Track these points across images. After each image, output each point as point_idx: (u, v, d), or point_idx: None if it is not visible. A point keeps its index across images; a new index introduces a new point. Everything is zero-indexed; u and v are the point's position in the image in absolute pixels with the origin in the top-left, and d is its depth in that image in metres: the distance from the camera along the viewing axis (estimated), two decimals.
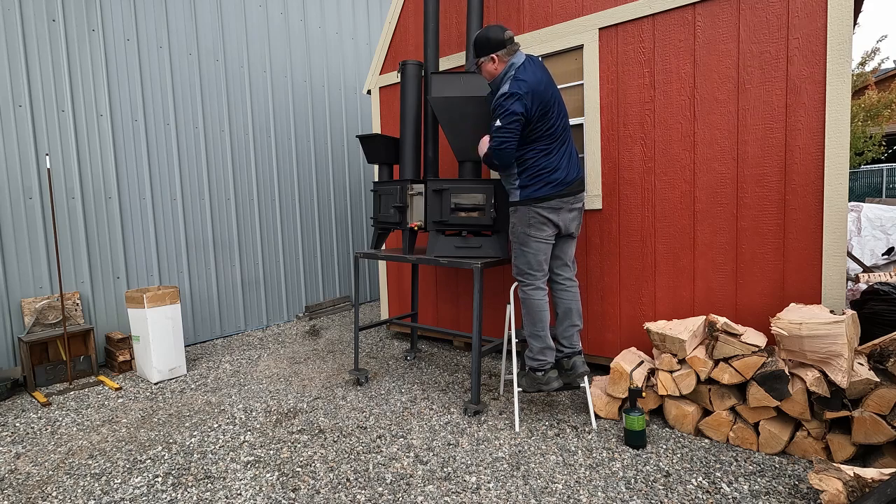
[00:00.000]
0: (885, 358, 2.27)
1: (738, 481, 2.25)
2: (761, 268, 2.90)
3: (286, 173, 5.61)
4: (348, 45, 6.29)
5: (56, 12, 3.94)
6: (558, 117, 2.68)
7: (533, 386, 2.80)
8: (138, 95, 4.41)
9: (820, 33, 2.66)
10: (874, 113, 11.83)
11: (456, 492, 2.25)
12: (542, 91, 2.59)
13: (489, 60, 2.69)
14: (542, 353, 2.78)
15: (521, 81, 2.55)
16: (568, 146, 2.75)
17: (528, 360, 2.83)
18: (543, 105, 2.59)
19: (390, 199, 3.47)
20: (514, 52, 2.67)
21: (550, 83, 2.67)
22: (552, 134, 2.66)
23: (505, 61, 2.67)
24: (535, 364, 2.80)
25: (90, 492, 2.35)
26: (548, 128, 2.64)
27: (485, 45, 2.67)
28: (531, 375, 2.81)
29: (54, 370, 3.82)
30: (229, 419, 3.09)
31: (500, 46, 2.64)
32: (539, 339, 2.79)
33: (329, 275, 6.18)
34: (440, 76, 3.25)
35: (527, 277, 2.80)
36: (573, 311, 2.89)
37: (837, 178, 2.65)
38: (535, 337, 2.80)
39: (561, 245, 2.88)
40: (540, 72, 2.65)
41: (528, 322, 2.83)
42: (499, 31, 2.64)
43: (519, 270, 2.83)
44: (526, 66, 2.63)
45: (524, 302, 2.82)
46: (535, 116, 2.59)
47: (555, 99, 2.66)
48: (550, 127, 2.65)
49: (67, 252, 4.03)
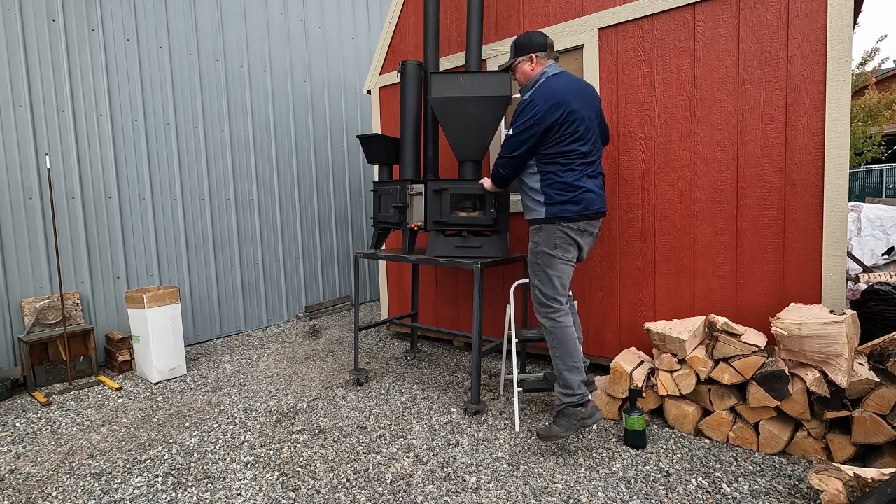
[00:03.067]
0: (885, 358, 2.27)
1: (738, 481, 2.25)
2: (761, 268, 2.91)
3: (286, 173, 5.61)
4: (348, 45, 6.29)
5: (56, 12, 3.94)
6: (591, 138, 2.51)
7: (573, 426, 2.43)
8: (138, 95, 4.41)
9: (820, 33, 2.66)
10: (874, 113, 11.83)
11: (456, 492, 2.25)
12: (571, 102, 2.42)
13: (527, 60, 2.61)
14: (581, 387, 2.48)
15: (548, 89, 2.44)
16: (595, 167, 2.56)
17: (565, 398, 2.47)
18: (570, 115, 2.42)
19: (390, 199, 3.47)
20: (552, 59, 2.60)
21: (585, 100, 2.50)
22: (582, 151, 2.47)
23: (542, 64, 2.59)
24: (575, 399, 2.46)
25: (90, 492, 2.35)
26: (577, 140, 2.45)
27: (526, 45, 2.60)
28: (570, 412, 2.46)
29: (54, 370, 3.82)
30: (229, 419, 3.09)
31: (541, 48, 2.58)
32: (577, 371, 2.49)
33: (329, 275, 6.18)
34: (440, 76, 3.25)
35: (553, 304, 2.54)
36: (577, 327, 2.75)
37: (837, 178, 2.65)
38: (572, 370, 2.49)
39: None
40: (573, 85, 2.49)
41: (561, 353, 2.51)
42: (541, 35, 2.60)
43: (544, 297, 2.55)
44: (559, 76, 2.52)
45: (552, 333, 2.52)
46: (559, 123, 2.41)
47: (589, 118, 2.50)
48: (580, 140, 2.46)
49: (67, 252, 4.03)
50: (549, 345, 2.57)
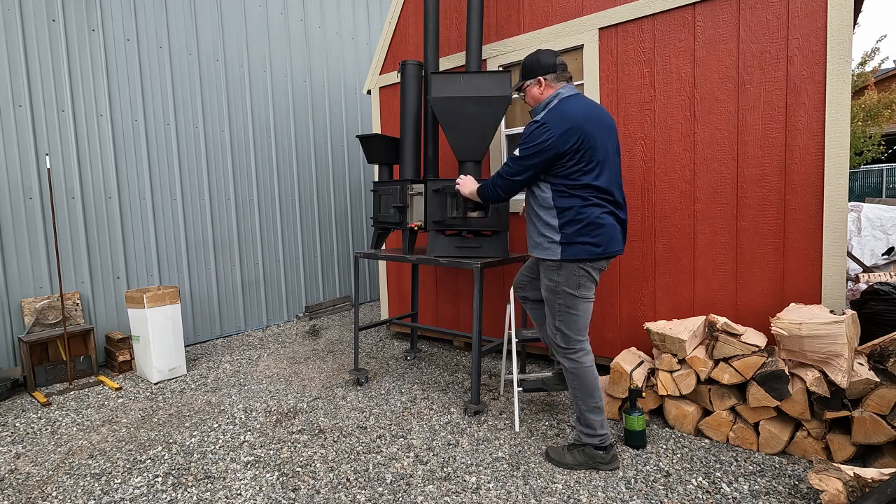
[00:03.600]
0: (885, 358, 2.27)
1: (738, 481, 2.25)
2: (761, 268, 2.91)
3: (286, 173, 5.61)
4: (348, 45, 6.29)
5: (56, 12, 3.94)
6: (610, 167, 2.31)
7: (587, 464, 2.38)
8: (138, 95, 4.41)
9: (820, 33, 2.66)
10: (874, 113, 11.83)
11: (456, 492, 2.25)
12: (586, 128, 2.23)
13: (535, 83, 2.40)
14: (604, 427, 2.36)
15: (562, 113, 2.24)
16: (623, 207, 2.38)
17: (587, 438, 2.38)
18: (585, 141, 2.22)
19: (390, 199, 3.47)
20: (563, 81, 2.40)
21: (602, 126, 2.31)
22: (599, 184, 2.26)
23: (553, 87, 2.38)
24: (596, 441, 2.36)
25: (90, 492, 2.35)
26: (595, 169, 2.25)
27: (533, 67, 2.40)
28: (591, 453, 2.37)
29: (54, 370, 3.82)
30: (229, 419, 3.09)
31: (550, 70, 2.36)
32: (598, 411, 2.36)
33: (329, 275, 6.18)
34: (440, 76, 3.25)
35: (576, 344, 2.38)
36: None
37: (837, 178, 2.65)
38: (594, 410, 2.36)
39: None
40: (590, 109, 2.30)
41: (583, 394, 2.36)
42: (550, 55, 2.38)
43: (566, 339, 2.39)
44: (574, 98, 2.33)
45: (574, 373, 2.38)
46: (570, 151, 2.22)
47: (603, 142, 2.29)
48: (599, 169, 2.26)
49: (67, 252, 4.03)
50: (568, 384, 2.43)
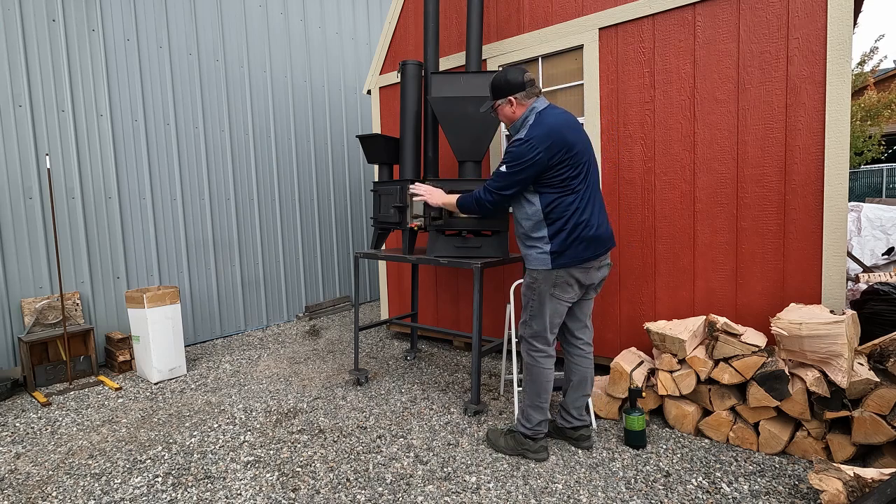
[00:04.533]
0: (885, 358, 2.27)
1: (738, 481, 2.25)
2: (761, 268, 2.91)
3: (286, 173, 5.61)
4: (348, 45, 6.29)
5: (56, 12, 3.94)
6: (587, 166, 2.37)
7: (517, 450, 2.52)
8: (138, 95, 4.41)
9: (820, 33, 2.66)
10: (874, 113, 11.83)
11: (456, 492, 2.25)
12: (566, 135, 2.29)
13: (506, 103, 2.43)
14: (541, 425, 2.49)
15: (543, 127, 2.29)
16: (598, 198, 2.43)
17: (522, 427, 2.51)
18: (568, 150, 2.29)
19: (390, 199, 3.47)
20: (534, 96, 2.42)
21: (578, 134, 2.36)
22: (580, 186, 2.33)
23: (524, 105, 2.42)
24: (529, 433, 2.49)
25: (90, 492, 2.35)
26: (577, 176, 2.32)
27: (502, 87, 2.42)
28: (520, 440, 2.51)
29: (54, 370, 3.82)
30: (229, 419, 3.09)
31: (519, 88, 2.39)
32: (541, 410, 2.48)
33: (329, 275, 6.18)
34: (440, 76, 3.25)
35: (539, 342, 2.46)
36: (588, 380, 2.58)
37: (837, 178, 2.66)
38: (537, 409, 2.48)
39: (581, 304, 2.54)
40: (564, 117, 2.37)
41: (531, 391, 2.49)
42: (518, 73, 2.40)
43: (533, 332, 2.47)
44: (549, 110, 2.38)
45: (530, 368, 2.48)
46: (556, 162, 2.28)
47: (583, 146, 2.36)
48: (579, 175, 2.33)
49: (67, 252, 4.03)
50: (524, 376, 2.53)
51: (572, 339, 2.58)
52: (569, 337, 2.59)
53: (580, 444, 2.59)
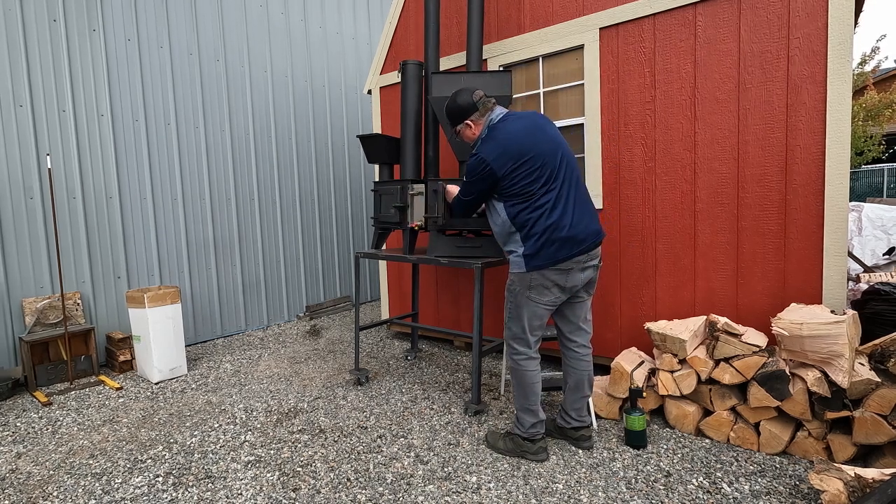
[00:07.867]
0: (886, 358, 2.26)
1: (738, 481, 2.25)
2: (762, 267, 2.90)
3: (287, 173, 5.61)
4: (349, 45, 6.29)
5: (57, 12, 3.94)
6: (553, 167, 2.32)
7: (516, 452, 2.52)
8: (139, 95, 4.41)
9: (820, 33, 2.66)
10: (874, 113, 11.81)
11: (456, 491, 2.25)
12: (520, 144, 2.30)
13: (465, 127, 2.51)
14: (535, 427, 2.48)
15: (492, 140, 2.36)
16: (574, 197, 2.36)
17: (517, 429, 2.52)
18: (521, 159, 2.28)
19: (391, 198, 3.47)
20: (489, 110, 2.46)
21: (536, 134, 2.34)
22: (542, 190, 2.30)
23: (481, 122, 2.48)
24: (526, 436, 2.49)
25: (91, 491, 2.35)
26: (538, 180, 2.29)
27: (456, 114, 2.50)
28: (518, 442, 2.51)
29: (55, 370, 3.82)
30: (230, 419, 3.09)
31: (473, 110, 2.45)
32: (532, 413, 2.47)
33: (330, 275, 6.19)
34: (441, 76, 3.25)
35: (519, 344, 2.46)
36: (585, 382, 2.55)
37: (838, 178, 2.65)
38: (528, 412, 2.47)
39: (572, 306, 2.50)
40: (521, 122, 2.37)
41: (519, 394, 2.49)
42: (467, 95, 2.45)
43: (512, 334, 2.48)
44: (503, 122, 2.40)
45: (514, 371, 2.49)
46: (508, 172, 2.29)
47: (547, 147, 2.33)
48: (540, 179, 2.30)
49: (68, 252, 4.03)
50: (512, 380, 2.53)
51: (566, 342, 2.57)
52: (563, 339, 2.58)
53: (581, 445, 2.58)
